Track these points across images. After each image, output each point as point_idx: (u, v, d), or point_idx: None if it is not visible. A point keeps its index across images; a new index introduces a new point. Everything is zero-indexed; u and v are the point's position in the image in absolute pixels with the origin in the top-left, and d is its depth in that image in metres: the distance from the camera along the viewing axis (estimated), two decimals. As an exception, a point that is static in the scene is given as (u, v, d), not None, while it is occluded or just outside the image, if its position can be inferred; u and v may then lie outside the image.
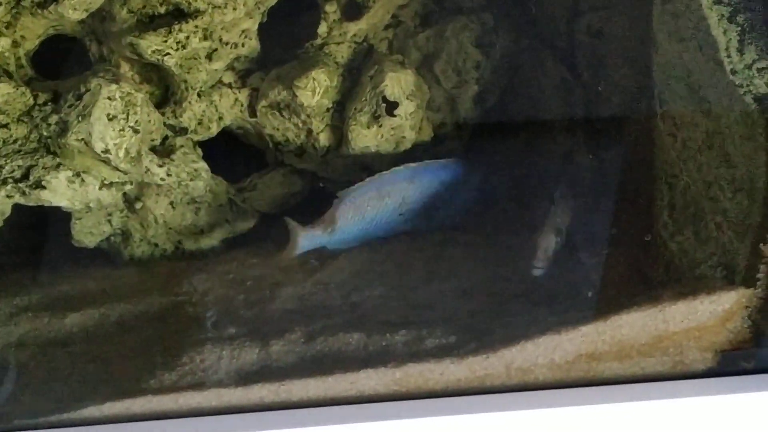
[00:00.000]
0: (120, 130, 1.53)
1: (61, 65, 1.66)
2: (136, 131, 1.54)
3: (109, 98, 1.51)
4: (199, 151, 1.70)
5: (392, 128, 1.69)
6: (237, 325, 1.53)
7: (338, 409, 1.40)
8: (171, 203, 1.69)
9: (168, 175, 1.61)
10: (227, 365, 1.44)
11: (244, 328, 1.52)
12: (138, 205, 1.68)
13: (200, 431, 1.34)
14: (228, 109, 1.71)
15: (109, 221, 1.68)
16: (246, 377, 1.41)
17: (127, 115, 1.53)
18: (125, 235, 1.72)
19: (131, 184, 1.58)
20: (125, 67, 1.62)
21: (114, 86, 1.51)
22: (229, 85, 1.71)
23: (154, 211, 1.68)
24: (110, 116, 1.51)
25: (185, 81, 1.62)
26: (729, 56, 1.29)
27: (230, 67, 1.70)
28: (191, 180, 1.65)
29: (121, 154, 1.53)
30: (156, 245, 1.73)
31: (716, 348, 1.46)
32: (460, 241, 1.75)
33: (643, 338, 1.46)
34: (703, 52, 1.30)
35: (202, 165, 1.67)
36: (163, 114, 1.65)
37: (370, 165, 1.75)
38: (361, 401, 1.42)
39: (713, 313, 1.45)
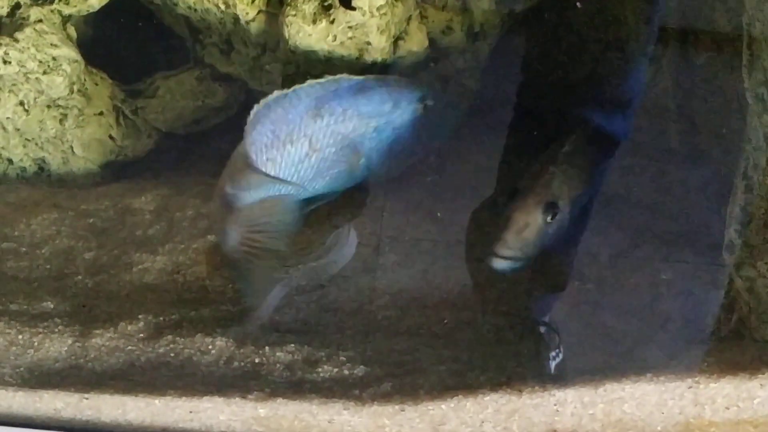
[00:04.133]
0: (-70, -11, 1.25)
1: None
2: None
3: None
4: (71, 31, 1.40)
5: (350, 27, 1.34)
6: (60, 297, 1.26)
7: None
8: (21, 103, 1.41)
9: (5, 62, 1.33)
10: (19, 356, 1.19)
11: (68, 303, 1.25)
12: (-26, 101, 1.41)
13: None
14: (121, -27, 1.40)
15: (-60, 119, 1.43)
16: (39, 378, 1.17)
17: (-57, -33, 1.25)
18: (-33, 141, 1.47)
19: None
20: None
21: None
22: (126, -62, 1.40)
23: (-3, 111, 1.41)
24: None
25: (50, -77, 1.32)
26: None
27: None
28: (44, 73, 1.36)
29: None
30: (10, 161, 1.46)
31: (783, 456, 1.08)
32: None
33: (659, 423, 1.08)
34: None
35: (66, 52, 1.37)
36: (19, -29, 1.36)
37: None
38: (203, 442, 1.15)
39: (784, 404, 1.06)
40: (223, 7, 1.40)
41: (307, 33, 1.36)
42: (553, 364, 1.20)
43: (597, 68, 1.48)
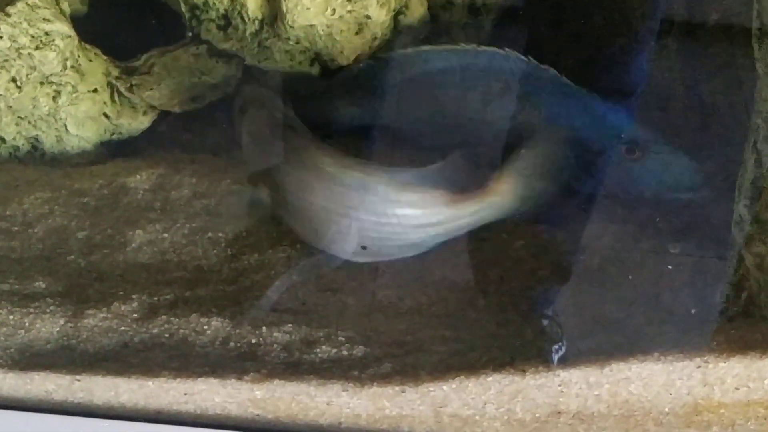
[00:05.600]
0: None
1: None
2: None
3: None
4: (64, 6, 1.38)
5: (349, 0, 1.32)
6: (52, 276, 1.25)
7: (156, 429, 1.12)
8: (13, 80, 1.39)
9: (-3, 37, 1.32)
10: (10, 336, 1.17)
11: (60, 283, 1.24)
12: (-35, 78, 1.40)
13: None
14: (116, -56, 1.39)
15: (-71, 96, 1.41)
16: (30, 359, 1.15)
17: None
18: (-42, 119, 1.45)
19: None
20: None
21: None
22: None
23: (-12, 88, 1.40)
24: None
25: None
26: None
27: None
28: (37, 48, 1.34)
29: None
30: (2, 140, 1.45)
31: (794, 437, 1.08)
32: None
33: (667, 403, 1.07)
34: None
35: (59, 27, 1.35)
36: (10, -58, 1.34)
37: (323, 54, 1.39)
38: (197, 424, 1.13)
39: (795, 384, 1.04)
40: (219, -19, 1.40)
41: (305, 6, 1.35)
42: (556, 357, 1.19)
43: (602, 48, 1.46)
